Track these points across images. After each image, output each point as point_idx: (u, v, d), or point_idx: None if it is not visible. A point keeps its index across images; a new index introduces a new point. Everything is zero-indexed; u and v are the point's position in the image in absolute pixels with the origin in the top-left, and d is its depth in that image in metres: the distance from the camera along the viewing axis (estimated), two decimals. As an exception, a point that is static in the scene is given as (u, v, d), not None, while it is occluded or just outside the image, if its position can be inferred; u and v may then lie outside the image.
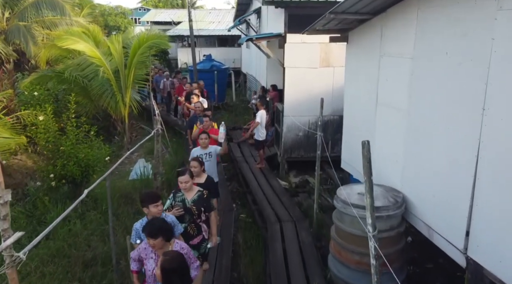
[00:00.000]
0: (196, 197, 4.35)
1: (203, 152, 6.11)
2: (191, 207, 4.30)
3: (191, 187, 4.34)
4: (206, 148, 6.18)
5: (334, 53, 9.18)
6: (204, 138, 6.14)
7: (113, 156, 11.53)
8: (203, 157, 5.98)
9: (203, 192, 4.38)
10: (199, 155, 5.95)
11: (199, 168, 5.12)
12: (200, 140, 6.16)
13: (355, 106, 6.39)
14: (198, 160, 5.30)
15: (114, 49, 11.33)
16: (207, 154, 6.13)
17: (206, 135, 6.23)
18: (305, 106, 9.44)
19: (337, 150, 9.76)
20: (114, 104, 11.54)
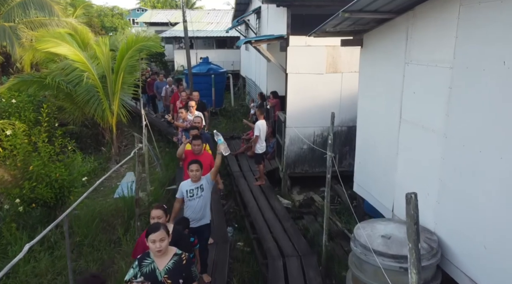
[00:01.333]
0: (171, 264, 3.11)
1: (193, 186, 4.91)
2: (164, 280, 3.06)
3: (166, 249, 3.09)
4: (198, 181, 4.96)
5: (342, 57, 8.22)
6: (195, 169, 4.82)
7: (99, 169, 10.61)
8: (194, 192, 4.88)
9: (181, 256, 3.16)
10: (188, 190, 4.87)
11: (163, 218, 3.85)
12: (190, 173, 4.85)
13: (371, 121, 5.43)
14: (163, 207, 3.98)
15: (100, 52, 10.37)
16: (198, 188, 4.91)
17: (197, 165, 4.85)
18: (309, 117, 8.49)
19: (345, 164, 8.82)
20: (101, 112, 10.58)
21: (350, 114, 8.54)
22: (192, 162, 4.90)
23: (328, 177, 5.43)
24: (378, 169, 5.23)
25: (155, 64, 26.29)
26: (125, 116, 10.86)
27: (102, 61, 10.39)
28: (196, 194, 4.88)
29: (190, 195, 4.87)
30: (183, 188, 4.90)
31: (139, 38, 10.10)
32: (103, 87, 10.63)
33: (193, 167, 4.82)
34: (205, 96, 15.99)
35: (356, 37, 5.75)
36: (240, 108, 17.66)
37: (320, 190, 9.17)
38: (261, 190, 8.23)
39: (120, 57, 10.10)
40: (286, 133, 8.56)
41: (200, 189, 4.90)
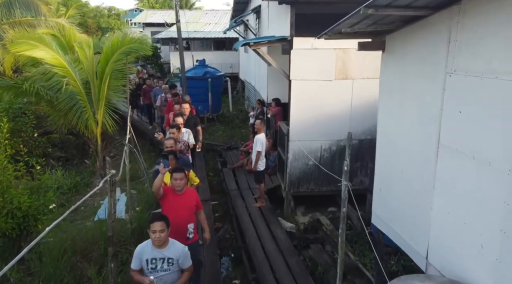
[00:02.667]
0: None
1: (157, 255, 3.51)
2: None
3: None
4: (164, 246, 3.53)
5: (353, 62, 7.23)
6: (159, 230, 3.42)
7: (81, 185, 9.59)
8: (157, 265, 3.48)
9: None
10: (149, 259, 3.50)
11: None
12: (153, 235, 3.46)
13: (397, 143, 4.42)
14: None
15: (83, 56, 9.37)
16: (163, 260, 3.49)
17: (161, 224, 3.46)
18: (316, 129, 7.50)
19: (356, 182, 7.83)
20: (84, 121, 9.58)
21: (362, 126, 7.55)
22: (155, 219, 3.54)
23: (343, 212, 4.41)
24: (406, 203, 4.23)
25: (150, 66, 25.30)
26: (112, 125, 9.84)
27: (85, 65, 9.40)
28: (160, 268, 3.51)
29: (152, 267, 3.53)
30: (143, 256, 3.53)
31: (125, 40, 9.10)
32: (87, 94, 9.64)
33: (156, 226, 3.45)
34: (202, 101, 15.01)
35: (375, 39, 4.75)
36: (239, 114, 16.66)
37: (327, 211, 8.18)
38: (261, 213, 7.21)
39: (104, 61, 9.10)
40: (289, 148, 7.56)
41: (167, 262, 3.50)
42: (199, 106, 15.30)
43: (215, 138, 13.39)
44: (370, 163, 7.77)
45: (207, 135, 13.60)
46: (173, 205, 4.27)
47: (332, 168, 7.72)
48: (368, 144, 7.66)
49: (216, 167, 10.39)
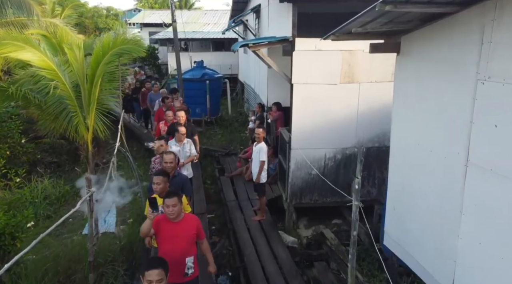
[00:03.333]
0: None
1: None
2: None
3: None
4: None
5: (360, 64, 6.71)
6: (156, 280, 2.81)
7: (70, 194, 9.07)
8: None
9: None
10: None
11: None
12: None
13: (414, 158, 3.91)
14: None
15: (73, 58, 8.85)
16: None
17: (160, 272, 2.85)
18: (319, 136, 6.99)
19: (363, 192, 7.28)
20: (74, 126, 9.06)
21: (369, 133, 7.05)
22: (152, 266, 2.86)
23: (353, 236, 3.90)
24: (427, 227, 3.72)
25: (148, 67, 24.80)
26: (104, 131, 9.32)
27: (75, 67, 8.87)
28: None
29: None
30: None
31: (117, 41, 8.58)
32: (78, 98, 9.13)
33: (151, 275, 2.78)
34: (199, 104, 14.51)
35: (389, 40, 4.24)
36: (238, 117, 16.14)
37: (332, 223, 7.66)
38: (261, 228, 6.70)
39: (94, 63, 8.58)
40: (291, 156, 7.05)
41: None
42: (197, 109, 14.82)
43: (213, 143, 12.86)
44: (378, 172, 7.27)
45: (205, 140, 13.09)
46: (168, 236, 3.60)
47: (337, 178, 7.22)
48: (376, 152, 7.16)
49: (213, 174, 9.86)
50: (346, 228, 7.49)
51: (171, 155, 4.94)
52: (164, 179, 4.23)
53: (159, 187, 4.17)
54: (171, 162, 4.89)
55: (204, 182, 9.54)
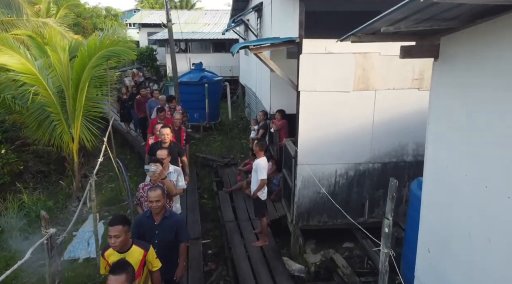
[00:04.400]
0: None
1: None
2: None
3: None
4: None
5: (376, 69, 5.89)
6: (114, 235, 3.19)
7: (54, 210, 8.26)
8: None
9: None
10: None
11: None
12: None
13: (459, 189, 3.07)
14: None
15: (57, 60, 8.07)
16: None
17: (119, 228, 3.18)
18: (329, 150, 6.17)
19: (378, 213, 6.49)
20: (59, 136, 8.27)
21: (386, 147, 6.22)
22: None
23: None
24: (468, 273, 2.88)
25: (146, 69, 24.03)
26: (91, 140, 8.52)
27: (59, 71, 8.09)
28: None
29: None
30: None
31: (104, 43, 7.77)
32: (62, 105, 8.34)
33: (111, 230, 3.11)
34: (198, 108, 13.71)
35: (422, 42, 3.41)
36: (239, 121, 15.33)
37: (342, 247, 6.83)
38: (263, 255, 5.87)
39: (79, 67, 7.79)
40: (298, 173, 6.22)
41: None
42: (195, 114, 14.02)
43: (212, 150, 12.04)
44: (395, 191, 6.42)
45: (203, 147, 12.29)
46: None
47: (349, 197, 6.40)
48: (393, 168, 6.34)
49: (211, 187, 9.04)
50: (359, 252, 6.68)
51: (157, 192, 3.82)
52: (124, 229, 3.23)
53: (118, 241, 3.19)
54: (158, 200, 3.78)
55: (201, 196, 8.73)
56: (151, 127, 7.64)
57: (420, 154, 6.29)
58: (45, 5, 21.65)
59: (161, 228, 3.78)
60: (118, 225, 3.19)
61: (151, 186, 4.32)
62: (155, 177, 4.43)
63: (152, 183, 4.47)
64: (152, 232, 3.80)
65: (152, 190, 3.84)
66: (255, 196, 5.96)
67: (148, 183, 4.56)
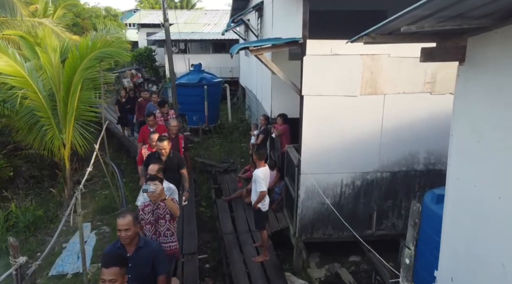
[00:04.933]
0: None
1: None
2: None
3: None
4: None
5: (385, 72, 5.49)
6: None
7: (44, 220, 7.86)
8: None
9: None
10: None
11: None
12: None
13: (489, 218, 2.66)
14: None
15: (47, 62, 7.69)
16: None
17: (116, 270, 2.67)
18: (335, 158, 5.77)
19: (387, 225, 6.10)
20: (50, 141, 7.88)
21: (396, 155, 5.82)
22: None
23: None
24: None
25: (145, 70, 23.64)
26: (83, 145, 8.13)
27: (50, 73, 7.70)
28: None
29: None
30: None
31: (96, 44, 7.38)
32: (54, 109, 7.95)
33: None
34: (196, 111, 13.32)
35: (445, 43, 3.01)
36: (239, 124, 14.93)
37: (348, 261, 6.43)
38: (263, 271, 5.48)
39: (70, 69, 7.41)
40: (301, 183, 5.82)
41: None
42: (194, 116, 13.63)
43: (211, 154, 11.64)
44: (405, 201, 6.04)
45: (202, 151, 11.90)
46: None
47: (356, 208, 6.01)
48: (403, 178, 5.94)
49: (209, 195, 8.64)
50: (366, 267, 6.28)
51: (126, 219, 3.27)
52: (121, 272, 2.76)
53: None
54: (128, 229, 3.24)
55: (199, 204, 8.34)
56: (141, 135, 7.10)
57: (432, 163, 5.91)
58: (42, 5, 21.29)
59: (134, 261, 3.28)
60: (114, 267, 2.72)
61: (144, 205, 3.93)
62: (155, 197, 3.97)
63: (153, 203, 4.06)
64: None
65: (121, 217, 3.31)
66: (255, 207, 5.58)
67: (149, 203, 4.11)
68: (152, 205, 4.06)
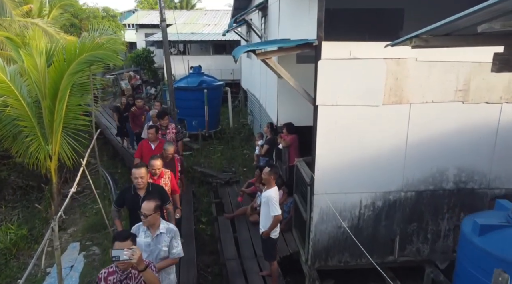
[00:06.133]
0: None
1: None
2: None
3: None
4: None
5: (411, 78, 4.80)
6: None
7: (29, 240, 7.16)
8: None
9: None
10: None
11: None
12: None
13: None
14: None
15: (32, 66, 6.98)
16: None
17: None
18: (353, 176, 5.07)
19: (410, 250, 5.40)
20: (35, 152, 7.18)
21: (422, 172, 5.14)
22: None
23: None
24: None
25: (143, 72, 22.95)
26: (72, 157, 7.42)
27: (34, 78, 7.00)
28: None
29: None
30: None
31: (85, 46, 6.68)
32: (40, 117, 7.25)
33: None
34: (196, 116, 12.62)
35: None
36: (241, 129, 14.22)
37: (366, 291, 5.72)
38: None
39: (56, 73, 6.71)
40: (314, 204, 5.12)
41: None
42: (193, 121, 12.92)
43: (211, 162, 10.93)
44: (432, 224, 5.35)
45: (201, 159, 11.19)
46: None
47: (377, 231, 5.31)
48: (430, 198, 5.24)
49: (209, 210, 7.93)
50: (387, 298, 5.56)
51: None
52: None
53: None
54: None
55: (198, 220, 7.63)
56: (139, 150, 6.25)
57: (463, 181, 5.21)
58: (36, 4, 20.59)
59: None
60: None
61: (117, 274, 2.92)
62: (128, 265, 2.91)
63: (121, 271, 2.95)
64: None
65: None
66: (266, 235, 4.87)
67: (115, 270, 2.99)
68: (120, 274, 2.96)
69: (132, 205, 4.24)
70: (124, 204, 4.47)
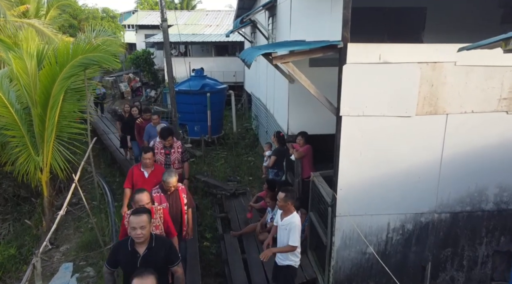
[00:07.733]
0: None
1: None
2: None
3: None
4: None
5: (449, 84, 4.21)
6: None
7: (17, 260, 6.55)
8: None
9: None
10: None
11: None
12: None
13: None
14: None
15: (22, 70, 6.39)
16: None
17: None
18: (380, 196, 4.47)
19: (444, 278, 4.78)
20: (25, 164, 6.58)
21: (458, 191, 4.54)
22: None
23: None
24: None
25: (143, 73, 22.37)
26: (65, 168, 6.82)
27: (24, 83, 6.40)
28: None
29: None
30: None
31: (79, 48, 6.09)
32: (30, 125, 6.66)
33: None
34: (198, 121, 12.02)
35: None
36: (245, 134, 13.63)
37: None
38: None
39: (48, 78, 6.12)
40: (336, 227, 4.52)
41: None
42: (195, 127, 12.34)
43: (214, 171, 10.32)
44: (468, 249, 4.74)
45: (204, 167, 10.59)
46: None
47: (406, 257, 4.71)
48: (466, 220, 4.64)
49: (214, 225, 7.32)
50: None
51: None
52: None
53: None
54: None
55: (202, 236, 7.00)
56: (128, 179, 5.16)
57: (505, 201, 4.61)
58: (33, 5, 20.02)
59: None
60: None
61: None
62: None
63: None
64: None
65: None
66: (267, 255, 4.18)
67: None
68: None
69: (129, 265, 3.16)
70: (119, 264, 3.30)
